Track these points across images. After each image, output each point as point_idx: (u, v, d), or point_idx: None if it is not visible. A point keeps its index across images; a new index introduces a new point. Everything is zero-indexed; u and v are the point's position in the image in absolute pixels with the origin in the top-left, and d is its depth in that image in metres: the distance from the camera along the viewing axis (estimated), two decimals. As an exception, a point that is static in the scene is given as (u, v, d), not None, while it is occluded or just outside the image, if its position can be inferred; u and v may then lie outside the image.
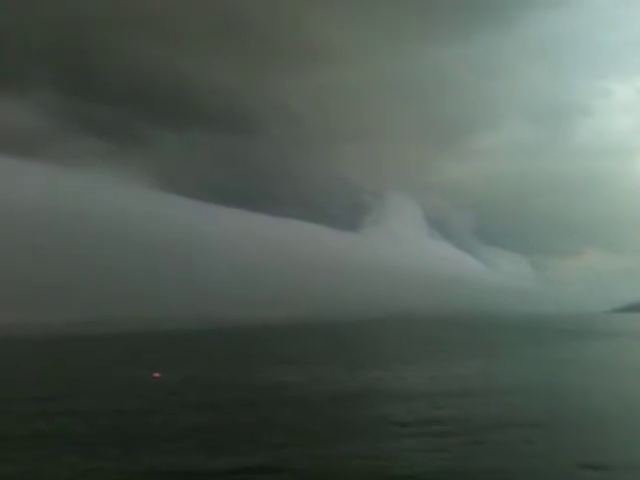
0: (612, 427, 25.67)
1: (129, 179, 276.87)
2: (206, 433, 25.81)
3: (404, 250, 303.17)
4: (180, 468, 20.49)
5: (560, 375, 43.93)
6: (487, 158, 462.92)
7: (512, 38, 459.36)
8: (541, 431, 24.73)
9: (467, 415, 28.19)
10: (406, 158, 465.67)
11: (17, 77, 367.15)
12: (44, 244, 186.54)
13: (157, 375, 48.43)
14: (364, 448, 22.40)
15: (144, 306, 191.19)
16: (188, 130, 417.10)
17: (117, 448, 23.31)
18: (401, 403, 32.43)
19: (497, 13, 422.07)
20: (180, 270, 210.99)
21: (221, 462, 21.01)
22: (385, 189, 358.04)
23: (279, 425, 26.94)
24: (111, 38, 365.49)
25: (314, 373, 47.31)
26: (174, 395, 37.42)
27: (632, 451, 21.90)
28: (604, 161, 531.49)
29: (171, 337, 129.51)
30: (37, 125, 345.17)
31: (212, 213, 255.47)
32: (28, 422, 29.03)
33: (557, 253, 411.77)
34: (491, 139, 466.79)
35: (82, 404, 34.51)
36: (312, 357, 64.55)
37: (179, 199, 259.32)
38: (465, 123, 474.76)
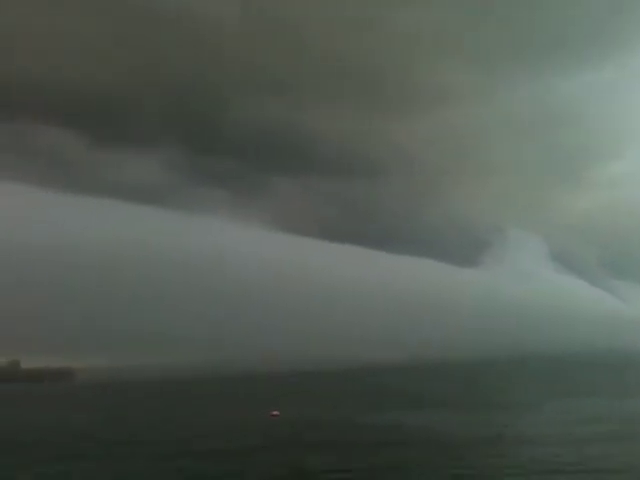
0: None
1: (249, 223, 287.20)
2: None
3: (528, 286, 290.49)
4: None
5: None
6: (613, 188, 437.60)
7: (634, 63, 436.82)
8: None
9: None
10: (528, 192, 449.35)
11: (147, 135, 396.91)
12: (172, 286, 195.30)
13: (276, 413, 48.64)
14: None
15: (261, 346, 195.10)
16: (305, 176, 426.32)
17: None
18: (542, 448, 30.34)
19: (617, 40, 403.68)
20: (300, 309, 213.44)
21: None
22: (506, 224, 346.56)
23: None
24: (228, 93, 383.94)
25: (440, 416, 45.50)
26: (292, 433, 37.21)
27: None
28: None
29: (292, 377, 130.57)
30: (165, 178, 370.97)
31: (331, 252, 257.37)
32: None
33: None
34: (616, 169, 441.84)
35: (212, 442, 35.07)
36: (436, 399, 62.24)
37: (299, 239, 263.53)
38: (588, 153, 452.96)
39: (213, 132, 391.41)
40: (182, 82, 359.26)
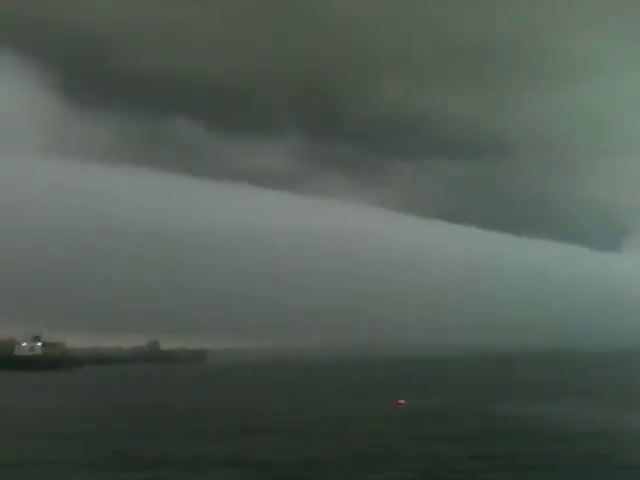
0: None
1: (370, 205, 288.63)
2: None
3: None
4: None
5: None
6: None
7: None
8: None
9: None
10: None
11: (273, 123, 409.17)
12: (297, 268, 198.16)
13: (401, 402, 47.51)
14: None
15: (384, 330, 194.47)
16: (425, 158, 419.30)
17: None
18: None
19: None
20: (426, 294, 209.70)
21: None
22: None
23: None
24: (346, 78, 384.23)
25: (581, 408, 42.55)
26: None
27: None
28: None
29: (418, 364, 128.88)
30: (289, 163, 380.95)
31: (457, 234, 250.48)
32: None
33: None
34: None
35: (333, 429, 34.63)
36: (575, 389, 58.67)
37: (421, 221, 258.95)
38: None
39: (333, 118, 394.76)
40: (303, 70, 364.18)
